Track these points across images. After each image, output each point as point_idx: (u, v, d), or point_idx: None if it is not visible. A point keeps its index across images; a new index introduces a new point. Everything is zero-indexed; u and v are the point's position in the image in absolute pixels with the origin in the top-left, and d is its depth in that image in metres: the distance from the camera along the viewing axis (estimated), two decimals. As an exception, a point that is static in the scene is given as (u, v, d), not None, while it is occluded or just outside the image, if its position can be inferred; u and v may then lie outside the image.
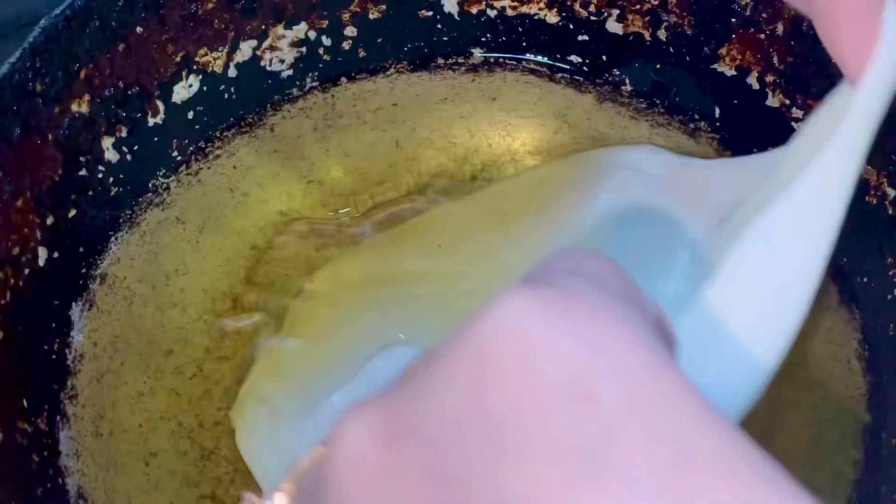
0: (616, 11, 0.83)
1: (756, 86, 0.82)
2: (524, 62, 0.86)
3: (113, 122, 0.78)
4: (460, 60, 0.86)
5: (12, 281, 0.71)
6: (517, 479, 0.38)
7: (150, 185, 0.81)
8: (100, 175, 0.78)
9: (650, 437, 0.38)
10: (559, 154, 0.83)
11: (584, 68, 0.85)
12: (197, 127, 0.83)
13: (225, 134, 0.83)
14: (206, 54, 0.82)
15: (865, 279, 0.77)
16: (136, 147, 0.80)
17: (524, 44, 0.85)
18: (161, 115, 0.81)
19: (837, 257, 0.77)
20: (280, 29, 0.84)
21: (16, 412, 0.70)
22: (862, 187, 0.76)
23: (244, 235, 0.82)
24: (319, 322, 0.77)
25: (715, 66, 0.83)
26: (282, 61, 0.84)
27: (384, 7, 0.84)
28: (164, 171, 0.81)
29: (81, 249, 0.77)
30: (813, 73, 0.78)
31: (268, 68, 0.84)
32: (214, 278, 0.80)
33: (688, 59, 0.83)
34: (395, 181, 0.84)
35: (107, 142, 0.78)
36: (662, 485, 0.37)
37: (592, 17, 0.84)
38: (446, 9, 0.84)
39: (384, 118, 0.84)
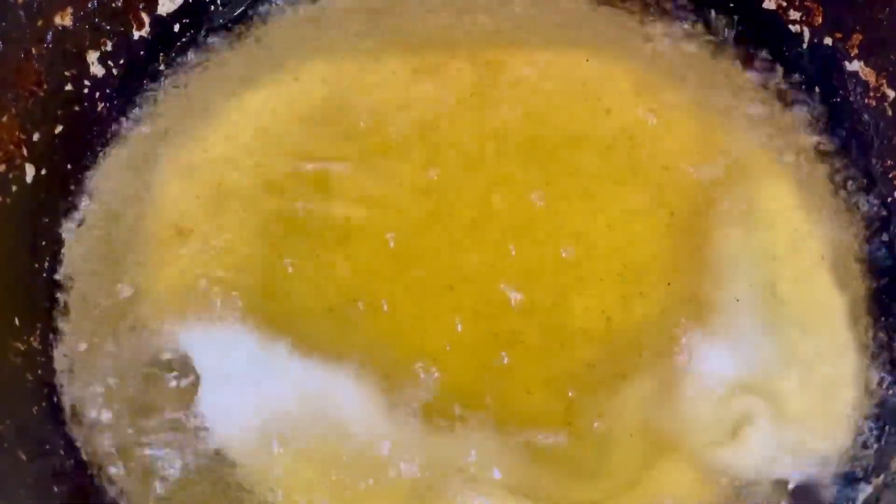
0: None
1: (753, -12, 0.80)
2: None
3: (97, 36, 0.76)
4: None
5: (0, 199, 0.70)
6: None
7: (137, 98, 0.79)
8: (86, 90, 0.76)
9: None
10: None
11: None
12: (184, 39, 0.81)
13: (212, 45, 0.81)
14: (192, -36, 0.80)
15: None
16: (121, 61, 0.78)
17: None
18: (146, 28, 0.79)
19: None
20: (268, -62, 0.82)
21: (8, 331, 0.70)
22: (862, 88, 0.75)
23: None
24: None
25: (710, -32, 0.81)
26: (270, -28, 0.83)
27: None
28: (151, 84, 0.80)
29: (69, 166, 0.76)
30: (811, -26, 0.77)
31: (256, -21, 0.83)
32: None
33: (683, -37, 0.82)
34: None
35: (92, 56, 0.76)
36: None
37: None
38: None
39: (371, 26, 0.82)
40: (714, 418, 0.69)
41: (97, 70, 0.77)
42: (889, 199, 0.75)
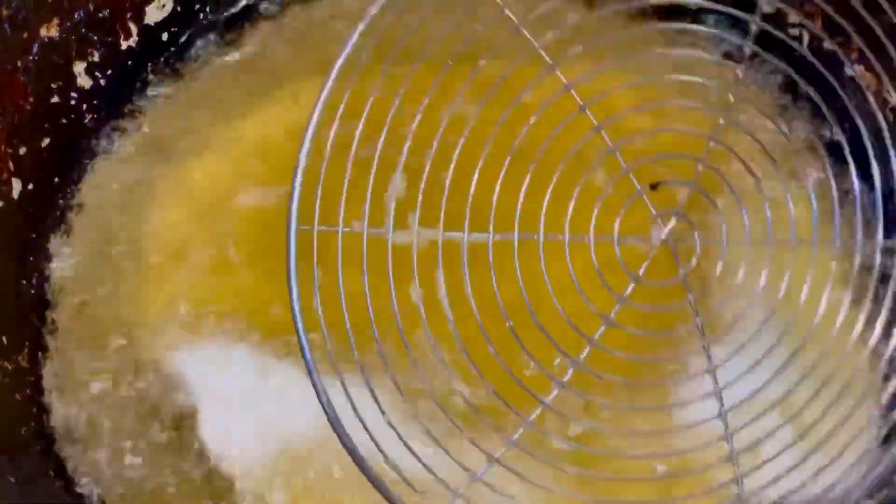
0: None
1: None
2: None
3: (84, 47, 0.75)
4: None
5: (-15, 215, 0.69)
6: None
7: (125, 109, 0.78)
8: (73, 102, 0.75)
9: None
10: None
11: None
12: (172, 48, 0.80)
13: (201, 55, 0.80)
14: (180, -27, 0.79)
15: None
16: (109, 71, 0.77)
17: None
18: (134, 38, 0.78)
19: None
20: (258, -57, 0.81)
21: (-6, 350, 0.69)
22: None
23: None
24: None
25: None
26: (260, -21, 0.82)
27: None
28: (140, 95, 0.79)
29: (57, 179, 0.75)
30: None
31: (246, -15, 0.82)
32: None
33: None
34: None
35: (79, 67, 0.75)
36: None
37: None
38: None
39: (372, 41, 0.81)
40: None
41: (84, 81, 0.75)
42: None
